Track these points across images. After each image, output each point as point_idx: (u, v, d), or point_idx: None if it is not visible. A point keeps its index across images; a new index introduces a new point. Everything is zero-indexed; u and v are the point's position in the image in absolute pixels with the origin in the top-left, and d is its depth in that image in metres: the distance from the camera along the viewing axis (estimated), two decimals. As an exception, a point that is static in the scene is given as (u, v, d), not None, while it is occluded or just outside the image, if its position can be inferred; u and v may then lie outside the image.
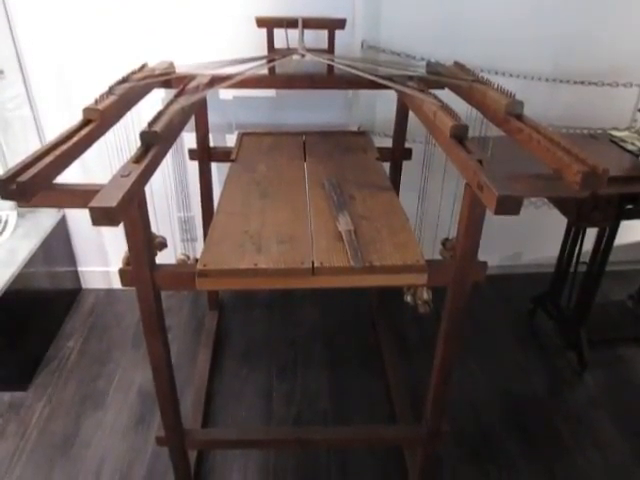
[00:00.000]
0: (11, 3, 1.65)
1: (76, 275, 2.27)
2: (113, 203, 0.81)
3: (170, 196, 1.73)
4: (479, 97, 1.24)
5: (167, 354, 1.23)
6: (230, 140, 1.89)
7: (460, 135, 1.07)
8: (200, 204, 1.83)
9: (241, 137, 1.68)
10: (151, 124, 1.08)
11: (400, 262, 1.05)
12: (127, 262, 1.42)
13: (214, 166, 1.84)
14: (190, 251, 1.78)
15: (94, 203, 0.81)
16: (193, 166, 1.78)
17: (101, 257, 2.21)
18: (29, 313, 1.84)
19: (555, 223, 1.87)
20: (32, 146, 1.85)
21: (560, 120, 1.94)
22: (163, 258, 1.12)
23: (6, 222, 1.99)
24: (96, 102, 1.14)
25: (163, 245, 1.29)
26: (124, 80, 1.32)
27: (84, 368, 1.89)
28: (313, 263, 1.03)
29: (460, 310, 1.18)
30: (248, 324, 2.11)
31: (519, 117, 1.11)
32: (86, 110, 1.10)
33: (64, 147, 0.97)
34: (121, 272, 1.09)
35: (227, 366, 1.90)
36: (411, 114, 1.50)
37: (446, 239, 1.58)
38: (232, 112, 1.82)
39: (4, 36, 1.67)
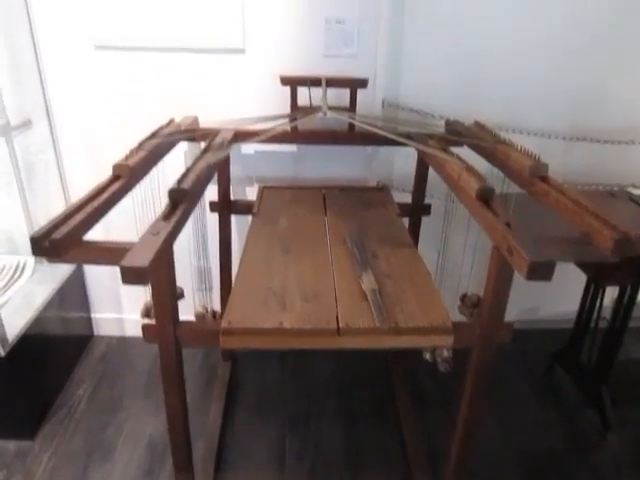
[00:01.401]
0: (43, 57, 1.71)
1: (89, 321, 2.25)
2: (145, 263, 0.81)
3: (189, 245, 1.73)
4: (502, 158, 1.25)
5: (184, 408, 1.21)
6: (250, 192, 1.91)
7: (486, 197, 1.07)
8: (218, 255, 1.83)
9: (262, 190, 1.69)
10: (180, 181, 1.09)
11: (426, 324, 1.03)
12: (146, 313, 1.41)
13: (233, 217, 1.85)
14: (207, 300, 1.77)
15: (126, 262, 0.80)
16: (212, 217, 1.79)
17: (115, 304, 2.20)
18: (40, 360, 1.82)
19: (574, 277, 1.85)
20: (53, 189, 1.89)
21: (577, 176, 1.94)
22: (179, 306, 1.11)
23: (24, 267, 1.99)
24: (126, 158, 1.16)
25: (181, 295, 1.29)
26: (153, 135, 1.34)
27: (93, 417, 1.85)
28: (338, 323, 1.02)
29: (485, 372, 1.15)
30: (262, 375, 2.07)
31: (544, 179, 1.11)
32: (116, 166, 1.12)
33: (94, 204, 0.98)
34: (144, 327, 1.08)
35: (239, 418, 1.85)
36: (430, 170, 1.52)
37: (465, 295, 1.57)
38: (253, 165, 1.85)
39: (34, 87, 1.72)
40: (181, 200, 1.05)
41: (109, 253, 0.90)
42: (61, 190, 1.89)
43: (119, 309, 2.22)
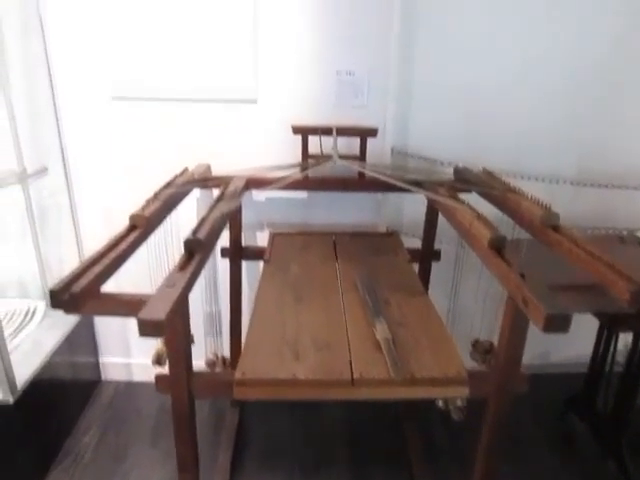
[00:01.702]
0: (61, 106, 1.76)
1: (97, 366, 2.24)
2: (162, 316, 0.81)
3: (200, 290, 1.74)
4: (512, 206, 1.26)
5: (195, 459, 1.19)
6: (260, 237, 1.93)
7: (498, 246, 1.07)
8: (229, 300, 1.83)
9: (273, 237, 1.71)
10: (195, 232, 1.10)
11: (441, 374, 1.03)
12: (157, 360, 1.40)
13: (243, 262, 1.86)
14: (217, 345, 1.77)
15: (143, 315, 0.81)
16: (223, 261, 1.80)
17: (123, 348, 2.19)
18: (47, 406, 1.80)
19: (586, 320, 1.83)
20: (66, 234, 1.91)
21: (585, 221, 1.95)
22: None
23: (34, 311, 1.99)
24: (142, 208, 1.18)
25: (191, 341, 1.28)
26: (168, 185, 1.37)
27: (99, 465, 1.81)
28: (352, 374, 1.01)
29: (501, 423, 1.13)
30: (271, 421, 2.04)
31: (556, 228, 1.12)
32: (133, 217, 1.13)
33: (112, 255, 0.99)
34: (157, 378, 1.07)
35: (248, 466, 1.81)
36: (440, 215, 1.53)
37: (477, 340, 1.56)
38: (264, 211, 1.87)
39: (51, 134, 1.77)
40: (196, 250, 1.06)
41: (126, 305, 0.91)
42: (74, 235, 1.91)
43: (127, 353, 2.21)
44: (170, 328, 0.97)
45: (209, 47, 1.67)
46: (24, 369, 1.67)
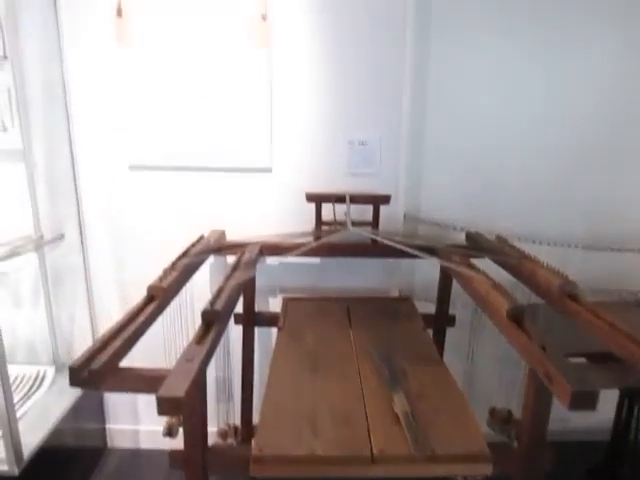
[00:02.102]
0: (80, 174, 1.81)
1: (103, 433, 2.19)
2: (181, 393, 0.80)
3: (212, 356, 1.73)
4: (528, 274, 1.26)
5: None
6: (273, 302, 1.93)
7: (517, 317, 1.07)
8: (241, 366, 1.80)
9: (286, 303, 1.70)
10: (212, 303, 1.11)
11: (464, 451, 1.00)
12: (168, 432, 1.37)
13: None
14: (229, 410, 1.73)
15: (162, 393, 0.80)
16: (234, 327, 1.79)
17: (131, 415, 2.15)
18: (52, 476, 1.75)
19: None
20: (79, 299, 1.91)
21: (597, 282, 1.93)
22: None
23: (43, 377, 1.97)
24: (160, 279, 1.18)
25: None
26: (184, 254, 1.38)
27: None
28: (372, 450, 0.98)
29: (527, 503, 1.09)
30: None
31: (574, 297, 1.12)
32: (151, 288, 1.14)
33: (131, 327, 0.99)
34: (171, 455, 1.05)
35: None
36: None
37: (494, 408, 1.52)
38: (277, 276, 1.88)
39: (70, 201, 1.81)
40: (214, 322, 1.06)
41: (145, 381, 0.90)
42: (86, 300, 1.92)
43: (135, 420, 2.16)
44: (188, 405, 0.96)
45: (225, 119, 1.73)
46: (31, 438, 1.63)
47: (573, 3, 1.69)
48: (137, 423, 2.17)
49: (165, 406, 0.80)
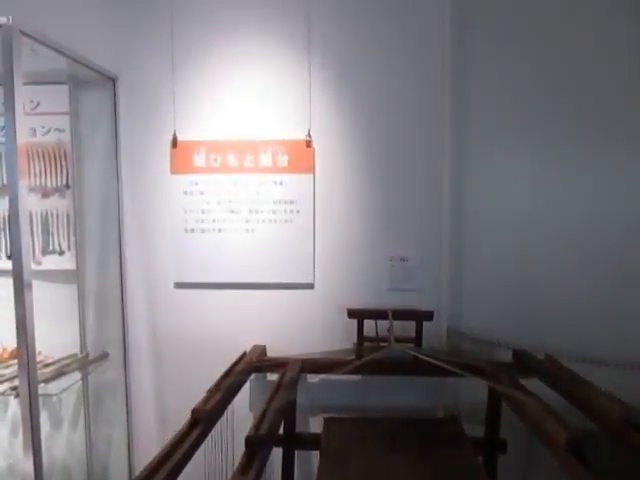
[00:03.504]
0: (128, 293, 1.88)
1: None
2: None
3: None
4: (584, 400, 1.21)
5: None
6: (313, 422, 1.87)
7: (578, 448, 1.01)
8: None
9: (327, 424, 1.65)
10: (257, 427, 1.09)
11: None
12: None
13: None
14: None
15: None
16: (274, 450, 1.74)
17: None
18: None
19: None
20: (118, 418, 1.90)
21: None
22: None
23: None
24: (204, 401, 1.19)
25: None
26: (227, 373, 1.39)
27: None
28: None
29: None
30: None
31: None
32: (196, 411, 1.14)
33: (178, 454, 0.98)
34: None
35: None
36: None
37: None
38: (317, 394, 1.84)
39: (116, 321, 1.86)
40: (259, 449, 1.04)
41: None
42: (125, 420, 1.90)
43: None
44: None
45: (268, 237, 1.82)
46: None
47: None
48: None
49: None
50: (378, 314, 1.66)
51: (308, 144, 1.79)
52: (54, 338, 1.72)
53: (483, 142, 1.79)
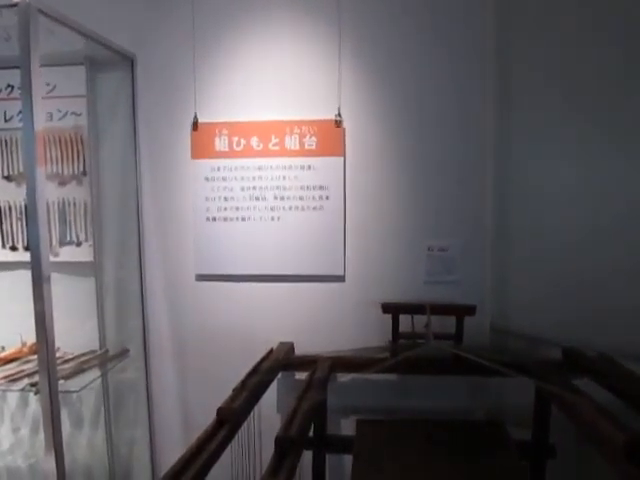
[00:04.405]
0: (147, 287, 1.92)
1: None
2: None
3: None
4: (642, 400, 1.20)
5: None
6: (345, 425, 1.89)
7: (637, 453, 1.00)
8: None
9: (360, 426, 1.67)
10: (286, 428, 1.11)
11: None
12: None
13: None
14: None
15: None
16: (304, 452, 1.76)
17: None
18: None
19: None
20: (138, 416, 1.95)
21: None
22: None
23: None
24: (231, 400, 1.21)
25: None
26: (254, 371, 1.41)
27: None
28: None
29: None
30: None
31: None
32: (222, 410, 1.17)
33: (203, 457, 1.01)
34: None
35: None
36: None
37: None
38: (349, 394, 1.86)
39: (136, 316, 1.91)
40: (289, 451, 1.06)
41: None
42: (147, 422, 1.95)
43: None
44: None
45: (295, 225, 1.83)
46: None
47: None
48: None
49: None
50: (415, 308, 1.67)
51: (338, 124, 1.79)
52: (72, 333, 1.78)
53: (532, 121, 1.75)
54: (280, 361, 1.61)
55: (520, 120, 1.77)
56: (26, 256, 1.35)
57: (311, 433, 1.70)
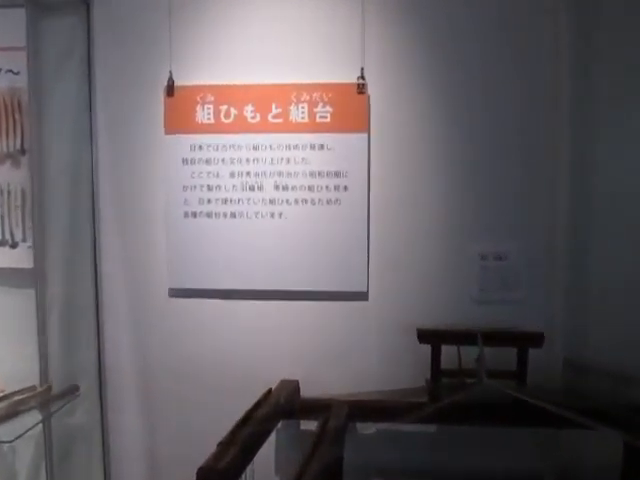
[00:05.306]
0: (105, 305, 1.89)
1: None
2: None
3: None
4: None
5: None
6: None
7: None
8: None
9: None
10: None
11: None
12: None
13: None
14: None
15: None
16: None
17: None
18: None
19: None
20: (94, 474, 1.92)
21: None
22: None
23: None
24: (214, 457, 1.17)
25: None
26: (246, 420, 1.38)
27: None
28: None
29: None
30: None
31: None
32: (202, 471, 1.13)
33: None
34: None
35: None
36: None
37: None
38: (373, 452, 1.81)
39: (89, 342, 1.89)
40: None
41: None
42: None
43: None
44: None
45: (304, 226, 1.80)
46: None
47: None
48: None
49: None
50: (462, 337, 1.63)
51: (361, 90, 1.75)
52: (3, 364, 1.76)
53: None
54: (281, 405, 1.58)
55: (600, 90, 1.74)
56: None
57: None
